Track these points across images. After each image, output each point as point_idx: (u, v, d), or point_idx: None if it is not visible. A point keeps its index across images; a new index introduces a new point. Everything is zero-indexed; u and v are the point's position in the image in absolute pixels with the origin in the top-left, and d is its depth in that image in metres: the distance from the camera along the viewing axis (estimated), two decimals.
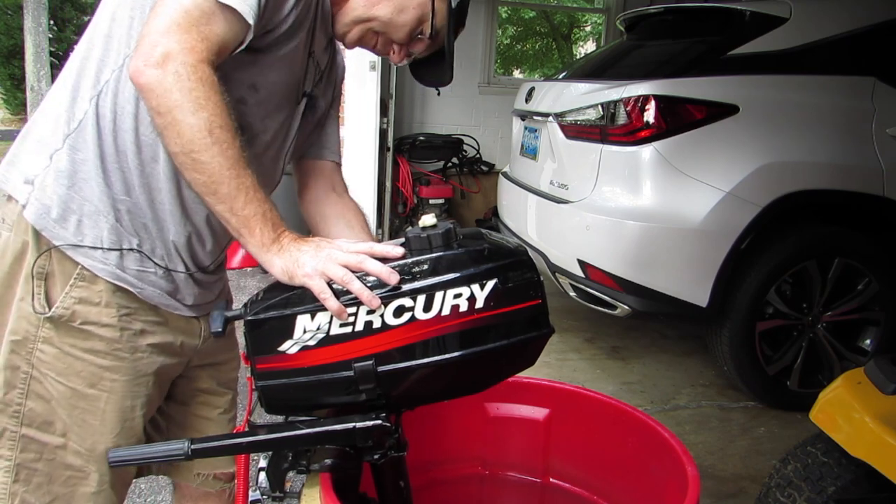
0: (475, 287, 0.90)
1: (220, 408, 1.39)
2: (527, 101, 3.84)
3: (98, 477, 1.16)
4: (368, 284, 0.92)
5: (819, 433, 1.62)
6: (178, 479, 1.44)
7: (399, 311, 0.90)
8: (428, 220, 1.01)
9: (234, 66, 1.05)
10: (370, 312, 0.90)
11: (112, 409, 1.13)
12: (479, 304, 0.91)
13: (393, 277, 0.92)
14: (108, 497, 1.18)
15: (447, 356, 0.91)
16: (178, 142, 0.95)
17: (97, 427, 1.13)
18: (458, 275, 0.91)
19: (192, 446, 0.94)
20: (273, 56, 1.09)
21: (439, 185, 5.90)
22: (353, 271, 0.94)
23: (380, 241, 1.17)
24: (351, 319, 0.91)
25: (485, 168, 6.18)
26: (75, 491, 1.16)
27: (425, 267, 0.92)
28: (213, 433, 1.38)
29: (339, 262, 0.95)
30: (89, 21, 1.13)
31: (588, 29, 14.24)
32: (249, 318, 0.94)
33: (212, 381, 1.36)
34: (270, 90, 1.13)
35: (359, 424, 0.95)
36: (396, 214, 5.88)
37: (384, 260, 0.95)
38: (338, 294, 0.92)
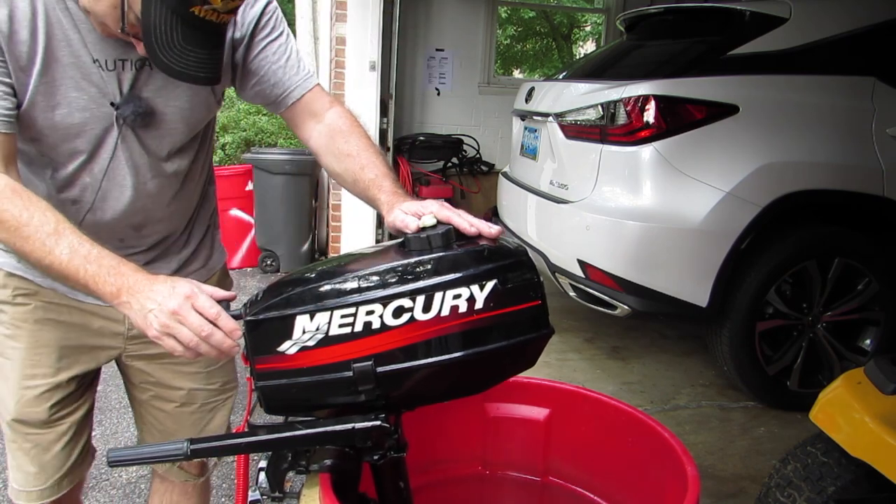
0: (475, 288, 0.90)
1: (174, 402, 1.41)
2: (527, 101, 3.84)
3: (21, 442, 1.30)
4: (371, 284, 0.91)
5: (819, 433, 1.62)
6: (153, 464, 1.52)
7: (398, 312, 0.90)
8: (428, 220, 1.01)
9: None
10: (369, 313, 0.90)
11: (14, 377, 1.26)
12: (479, 304, 0.91)
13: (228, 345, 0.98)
14: (41, 463, 1.30)
15: (446, 357, 0.91)
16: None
17: (4, 393, 1.28)
18: (457, 275, 0.90)
19: (192, 446, 0.94)
20: (26, 109, 1.09)
21: (439, 186, 5.91)
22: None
23: (380, 240, 1.18)
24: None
25: (485, 168, 6.18)
26: (23, 454, 1.31)
27: (425, 267, 0.92)
28: (173, 428, 1.43)
29: (188, 323, 0.96)
30: None
31: (588, 29, 14.23)
32: (249, 318, 0.93)
33: (160, 371, 1.39)
34: (55, 133, 1.13)
35: (358, 425, 0.95)
36: None
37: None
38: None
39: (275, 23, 1.25)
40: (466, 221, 1.02)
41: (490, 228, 1.02)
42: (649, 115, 2.90)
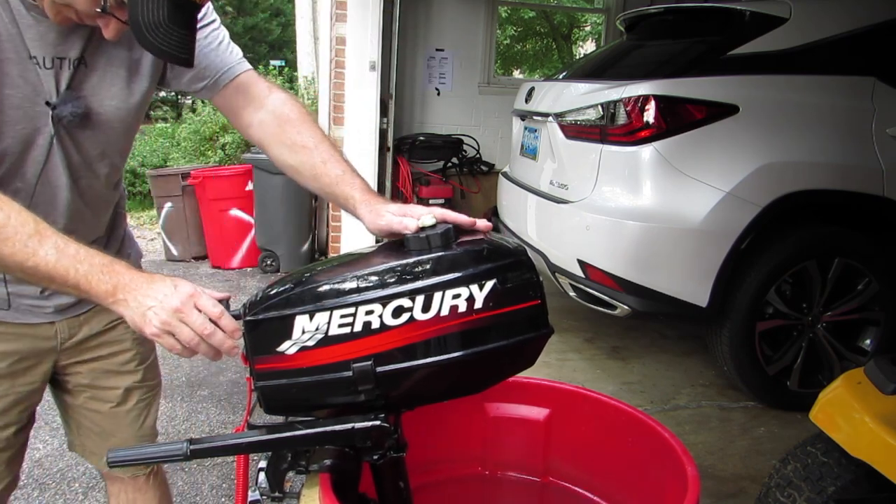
0: (474, 287, 0.90)
1: (110, 402, 1.40)
2: (527, 101, 3.84)
3: None
4: (370, 283, 0.91)
5: (819, 433, 1.62)
6: (96, 464, 1.50)
7: (398, 312, 0.90)
8: (427, 220, 1.01)
9: None
10: (369, 313, 0.90)
11: None
12: (478, 304, 0.90)
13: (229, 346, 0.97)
14: None
15: (446, 357, 0.91)
16: None
17: None
18: (456, 275, 0.90)
19: (192, 447, 0.94)
20: None
21: (439, 186, 5.91)
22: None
23: (380, 241, 1.17)
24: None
25: (485, 168, 6.18)
26: None
27: (424, 267, 0.92)
28: (111, 427, 1.42)
29: (190, 322, 0.95)
30: None
31: (588, 29, 14.24)
32: (248, 318, 0.93)
33: (92, 375, 1.37)
34: None
35: (358, 425, 0.94)
36: None
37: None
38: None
39: (206, 10, 1.24)
40: (461, 217, 1.06)
41: (483, 223, 1.08)
42: (649, 115, 2.90)
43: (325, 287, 0.92)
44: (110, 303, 0.98)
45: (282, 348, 0.91)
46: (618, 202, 3.00)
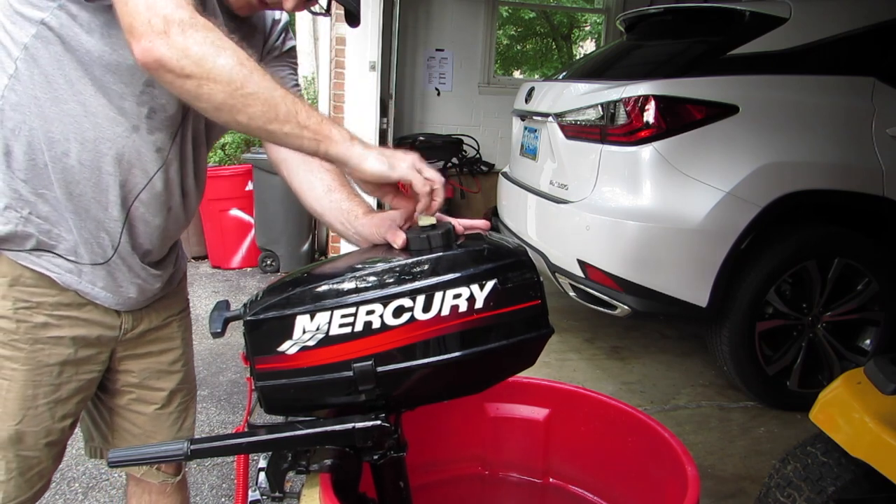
0: (474, 287, 0.90)
1: (155, 403, 1.40)
2: (527, 101, 3.85)
3: (5, 465, 1.20)
4: (371, 283, 0.91)
5: (819, 433, 1.62)
6: (126, 468, 1.49)
7: (398, 312, 0.90)
8: (426, 220, 1.02)
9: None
10: (369, 313, 0.90)
11: (13, 398, 1.18)
12: (479, 304, 0.91)
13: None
14: (17, 485, 1.22)
15: (446, 356, 0.91)
16: (220, 89, 0.92)
17: (0, 414, 1.18)
18: (457, 275, 0.90)
19: (192, 447, 0.94)
20: None
21: None
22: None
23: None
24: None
25: (485, 168, 6.18)
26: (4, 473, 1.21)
27: (425, 267, 0.92)
28: (151, 430, 1.41)
29: (427, 171, 1.03)
30: None
31: (588, 29, 14.23)
32: (249, 318, 0.93)
33: (143, 374, 1.37)
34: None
35: (358, 425, 0.95)
36: None
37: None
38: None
39: (296, 55, 1.40)
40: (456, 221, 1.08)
41: (481, 223, 1.11)
42: (649, 115, 2.90)
43: (326, 287, 0.92)
44: (350, 146, 1.00)
45: (282, 348, 0.92)
46: (618, 202, 3.00)
